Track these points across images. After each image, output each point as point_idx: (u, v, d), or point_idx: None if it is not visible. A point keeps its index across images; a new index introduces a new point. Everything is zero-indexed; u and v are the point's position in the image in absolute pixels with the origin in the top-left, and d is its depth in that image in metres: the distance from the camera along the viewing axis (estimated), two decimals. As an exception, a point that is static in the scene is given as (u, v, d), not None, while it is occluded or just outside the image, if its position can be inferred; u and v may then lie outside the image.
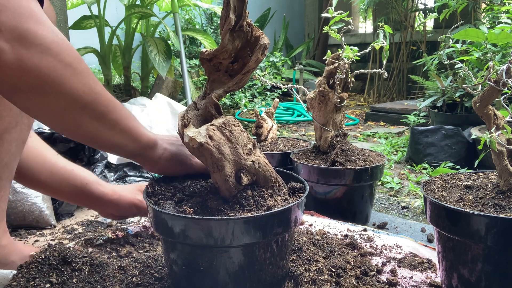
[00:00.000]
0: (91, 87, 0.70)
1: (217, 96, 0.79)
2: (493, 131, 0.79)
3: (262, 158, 0.81)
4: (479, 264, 0.76)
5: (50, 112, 0.69)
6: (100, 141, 0.78)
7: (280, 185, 0.84)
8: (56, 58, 0.65)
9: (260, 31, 0.78)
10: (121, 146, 0.79)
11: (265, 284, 0.79)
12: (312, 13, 6.52)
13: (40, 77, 0.63)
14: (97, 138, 0.76)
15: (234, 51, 0.77)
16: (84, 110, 0.70)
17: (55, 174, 1.00)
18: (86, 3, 2.64)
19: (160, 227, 0.77)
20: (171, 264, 0.82)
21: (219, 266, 0.75)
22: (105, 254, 1.07)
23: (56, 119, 0.71)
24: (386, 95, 4.76)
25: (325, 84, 1.36)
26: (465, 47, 1.77)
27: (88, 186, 1.03)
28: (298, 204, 0.78)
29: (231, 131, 0.76)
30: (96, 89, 0.71)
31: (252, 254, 0.75)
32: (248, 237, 0.72)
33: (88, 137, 0.76)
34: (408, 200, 1.70)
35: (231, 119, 0.78)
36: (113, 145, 0.79)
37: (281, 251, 0.80)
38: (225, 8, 0.73)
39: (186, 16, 4.17)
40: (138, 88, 3.08)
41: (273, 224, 0.74)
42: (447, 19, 2.14)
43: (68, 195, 1.06)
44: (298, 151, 1.48)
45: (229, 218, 0.72)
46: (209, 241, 0.71)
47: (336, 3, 1.25)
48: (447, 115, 2.48)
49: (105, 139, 0.77)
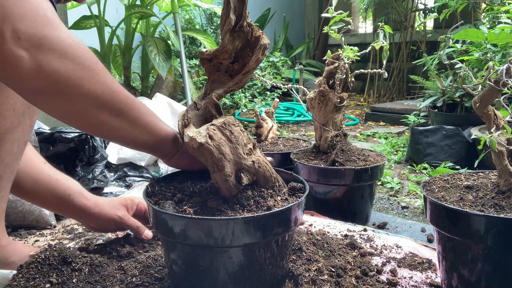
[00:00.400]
0: (108, 87, 0.73)
1: (217, 96, 0.79)
2: (493, 131, 0.79)
3: (262, 158, 0.81)
4: (479, 264, 0.76)
5: (71, 113, 0.73)
6: (121, 137, 0.81)
7: (280, 185, 0.84)
8: (74, 62, 0.67)
9: (260, 31, 0.78)
10: (141, 141, 0.82)
11: (265, 284, 0.79)
12: (312, 13, 6.52)
13: (59, 81, 0.67)
14: (118, 135, 0.79)
15: (234, 51, 0.77)
16: (104, 109, 0.73)
17: (40, 183, 0.99)
18: (86, 3, 2.64)
19: (160, 227, 0.77)
20: (171, 264, 0.82)
21: (219, 266, 0.74)
22: (105, 254, 1.07)
23: (77, 119, 0.75)
24: (386, 95, 4.76)
25: (325, 84, 1.36)
26: (465, 47, 1.77)
27: (71, 198, 1.02)
28: (298, 204, 0.78)
29: (231, 131, 0.76)
30: (113, 87, 0.74)
31: (252, 254, 0.75)
32: (248, 237, 0.72)
33: (110, 134, 0.80)
34: (408, 200, 1.71)
35: (231, 119, 0.78)
36: (134, 140, 0.82)
37: (281, 251, 0.80)
38: (225, 8, 0.73)
39: (186, 16, 4.17)
40: (138, 88, 3.07)
41: (273, 224, 0.74)
42: (447, 19, 2.14)
43: (52, 205, 1.06)
44: (298, 151, 1.48)
45: (229, 218, 0.72)
46: (209, 241, 0.71)
47: (336, 3, 1.25)
48: (447, 115, 2.48)
49: (126, 135, 0.80)
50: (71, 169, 1.53)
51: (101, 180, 1.55)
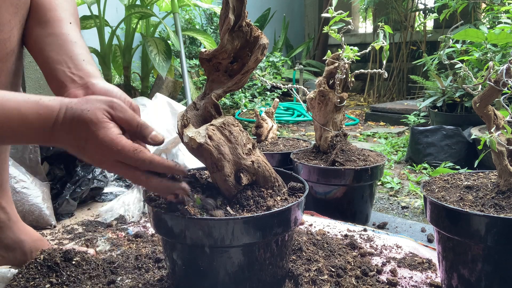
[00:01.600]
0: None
1: (217, 96, 0.79)
2: (493, 131, 0.78)
3: (261, 158, 0.81)
4: (479, 264, 0.76)
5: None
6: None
7: (279, 185, 0.84)
8: None
9: (259, 31, 0.78)
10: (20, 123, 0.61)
11: (265, 284, 0.79)
12: (312, 13, 6.51)
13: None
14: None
15: (233, 51, 0.77)
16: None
17: None
18: (86, 3, 2.64)
19: (160, 228, 0.77)
20: (171, 264, 0.82)
21: (219, 266, 0.74)
22: (105, 254, 1.07)
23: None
24: (386, 95, 4.75)
25: (325, 84, 1.36)
26: (465, 47, 1.77)
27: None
28: (297, 204, 0.78)
29: (231, 131, 0.76)
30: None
31: (252, 254, 0.75)
32: (248, 237, 0.72)
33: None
34: (408, 200, 1.70)
35: (230, 119, 0.78)
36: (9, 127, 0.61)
37: (281, 251, 0.80)
38: (224, 8, 0.73)
39: (186, 16, 4.17)
40: (138, 88, 3.07)
41: (273, 224, 0.74)
42: (447, 19, 2.14)
43: None
44: (298, 151, 1.48)
45: (229, 218, 0.71)
46: (209, 241, 0.71)
47: (336, 3, 1.25)
48: (447, 115, 2.48)
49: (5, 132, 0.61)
50: (71, 169, 1.52)
51: (101, 180, 1.55)
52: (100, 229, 1.29)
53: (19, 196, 1.28)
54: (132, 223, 1.32)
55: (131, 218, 1.36)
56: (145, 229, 1.26)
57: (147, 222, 1.32)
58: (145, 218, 1.37)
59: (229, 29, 0.74)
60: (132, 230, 1.25)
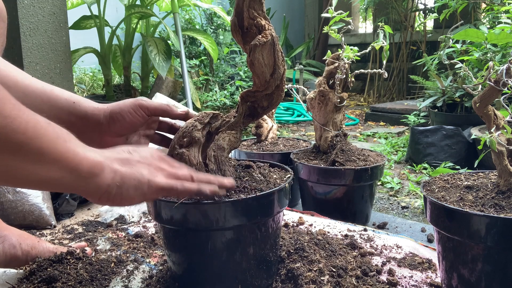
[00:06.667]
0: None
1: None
2: (493, 131, 0.79)
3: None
4: (479, 264, 0.76)
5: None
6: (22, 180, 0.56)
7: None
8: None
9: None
10: (54, 180, 0.57)
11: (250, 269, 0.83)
12: (312, 13, 6.51)
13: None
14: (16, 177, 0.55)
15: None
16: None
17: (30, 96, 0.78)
18: (86, 3, 2.64)
19: (160, 216, 0.80)
20: (171, 253, 0.82)
21: (216, 247, 0.79)
22: (105, 254, 1.07)
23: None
24: (386, 95, 4.76)
25: (325, 84, 1.36)
26: (465, 47, 1.77)
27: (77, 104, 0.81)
28: (279, 189, 0.82)
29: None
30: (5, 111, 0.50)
31: (240, 236, 0.80)
32: (236, 220, 0.77)
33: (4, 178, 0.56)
34: (408, 200, 1.70)
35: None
36: (42, 181, 0.57)
37: (266, 236, 0.83)
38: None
39: (186, 16, 4.17)
40: (138, 88, 3.08)
41: (256, 208, 0.78)
42: (447, 19, 2.14)
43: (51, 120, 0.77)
44: (298, 151, 1.48)
45: (221, 201, 0.76)
46: (206, 223, 0.76)
47: (336, 3, 1.25)
48: (447, 115, 2.48)
49: (29, 175, 0.55)
50: (71, 169, 1.53)
51: (101, 180, 1.55)
52: (100, 229, 1.29)
53: (19, 196, 1.28)
54: (132, 223, 1.32)
55: (131, 218, 1.36)
56: (145, 229, 1.26)
57: (147, 222, 1.32)
58: (145, 218, 1.37)
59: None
60: (132, 230, 1.25)
